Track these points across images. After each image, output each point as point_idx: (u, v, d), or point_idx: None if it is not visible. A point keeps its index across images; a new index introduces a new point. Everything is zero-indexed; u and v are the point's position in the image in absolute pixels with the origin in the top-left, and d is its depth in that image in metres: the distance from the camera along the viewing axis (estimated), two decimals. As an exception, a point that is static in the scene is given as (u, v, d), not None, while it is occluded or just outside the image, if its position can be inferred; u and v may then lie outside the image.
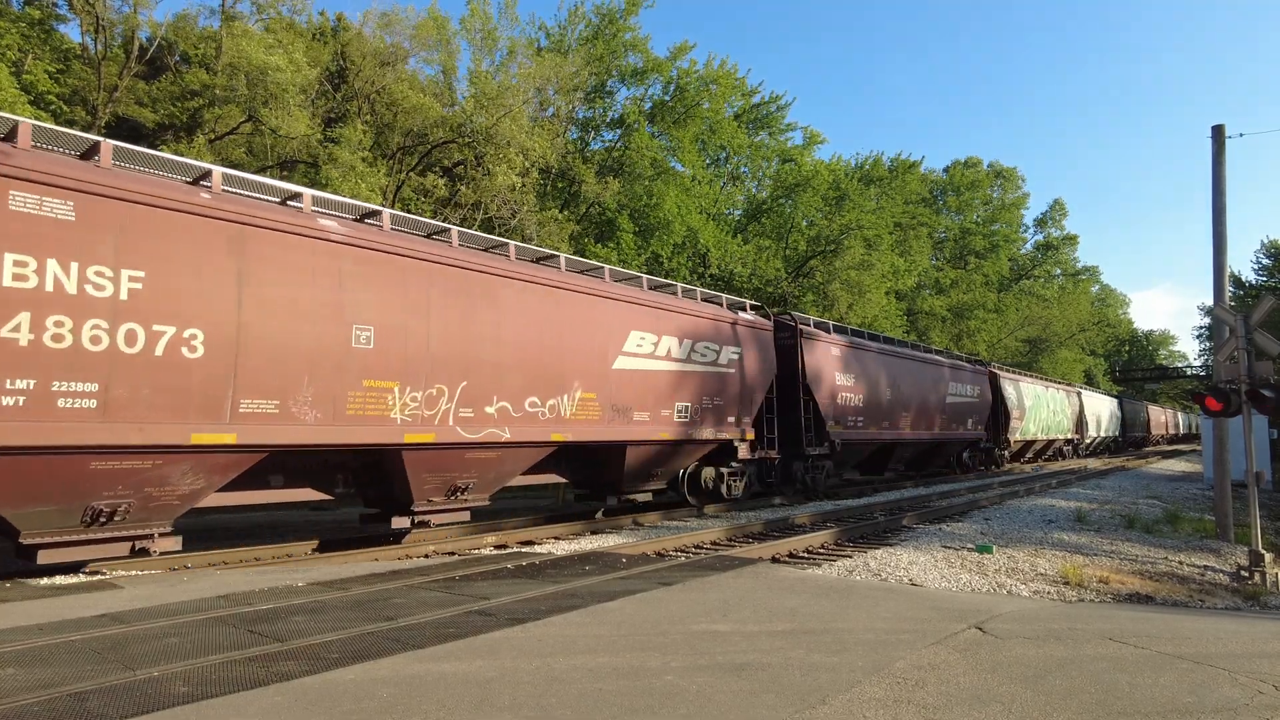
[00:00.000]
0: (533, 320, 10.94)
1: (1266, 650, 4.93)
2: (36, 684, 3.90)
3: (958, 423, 24.97)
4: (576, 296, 11.75)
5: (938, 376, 23.91)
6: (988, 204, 57.56)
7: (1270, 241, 47.36)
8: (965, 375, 26.30)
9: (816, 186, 32.53)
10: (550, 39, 30.36)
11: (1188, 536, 13.45)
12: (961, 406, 25.29)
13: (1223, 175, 13.44)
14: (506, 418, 10.38)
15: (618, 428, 12.14)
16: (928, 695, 3.86)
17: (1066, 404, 38.28)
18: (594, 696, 3.79)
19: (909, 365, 22.33)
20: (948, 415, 24.22)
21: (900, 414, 21.16)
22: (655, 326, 13.10)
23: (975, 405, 26.51)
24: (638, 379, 12.61)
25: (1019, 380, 31.65)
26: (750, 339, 15.50)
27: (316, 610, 5.74)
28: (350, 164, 18.85)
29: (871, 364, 20.10)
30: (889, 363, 21.17)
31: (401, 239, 9.60)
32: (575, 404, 11.39)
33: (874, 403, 19.74)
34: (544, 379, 10.97)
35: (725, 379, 14.60)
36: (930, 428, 23.06)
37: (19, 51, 19.56)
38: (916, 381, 22.37)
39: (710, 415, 14.14)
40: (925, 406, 22.74)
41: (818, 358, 17.70)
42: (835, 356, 18.40)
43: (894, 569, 8.94)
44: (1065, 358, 60.13)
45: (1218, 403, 10.71)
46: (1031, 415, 32.03)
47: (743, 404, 15.00)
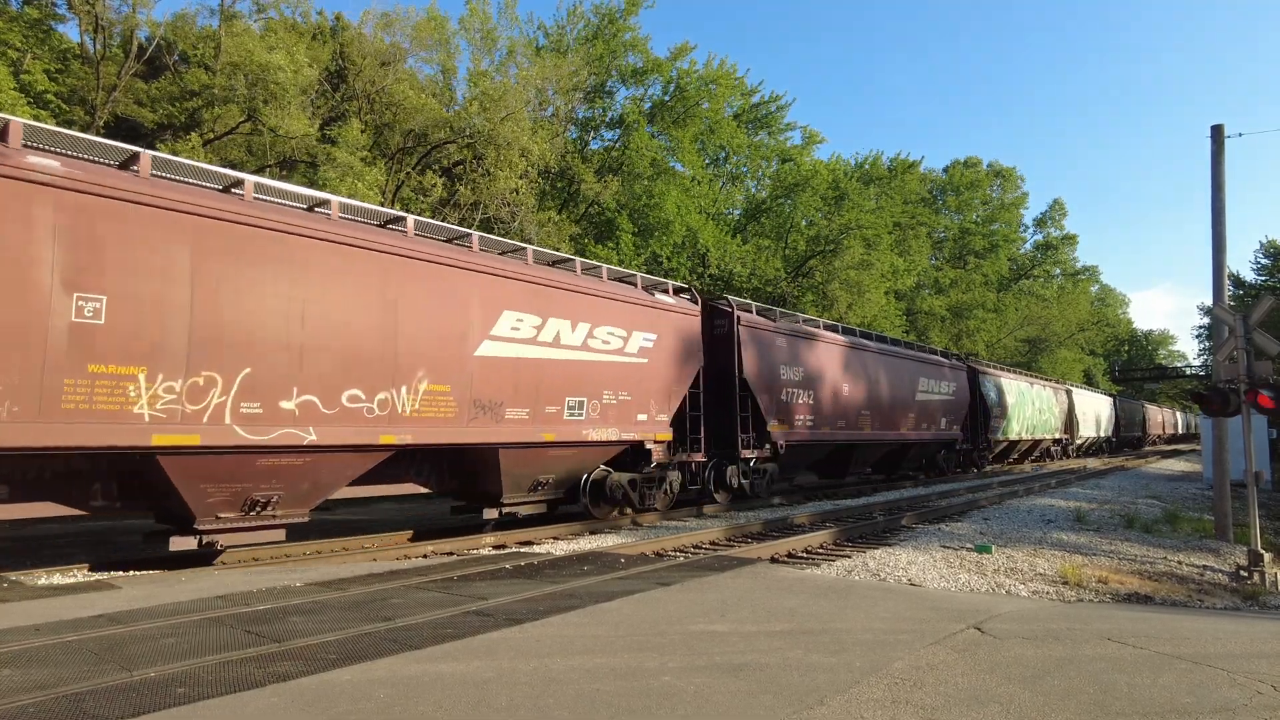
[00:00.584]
0: (357, 294, 8.93)
1: (1265, 650, 4.92)
2: (33, 685, 3.89)
3: (930, 422, 23.12)
4: (425, 268, 9.68)
5: (905, 371, 22.00)
6: (987, 204, 57.57)
7: (1269, 241, 47.42)
8: (938, 370, 24.22)
9: (816, 186, 32.53)
10: (549, 38, 30.37)
11: (1187, 536, 13.45)
12: (934, 404, 23.41)
13: (1222, 175, 13.43)
14: (313, 415, 8.39)
15: (481, 428, 10.24)
16: (926, 695, 3.85)
17: (1054, 402, 36.62)
18: (591, 697, 3.78)
19: (870, 359, 20.43)
20: (918, 414, 22.37)
21: (860, 412, 19.36)
22: (539, 306, 11.12)
23: (951, 403, 24.58)
24: (511, 369, 10.69)
25: (1001, 376, 30.06)
26: (670, 325, 13.51)
27: (314, 611, 5.73)
28: (348, 164, 18.83)
29: (825, 357, 18.37)
30: (846, 356, 19.32)
31: (163, 188, 7.58)
32: (418, 399, 9.44)
33: (827, 400, 18.06)
34: (371, 368, 8.98)
35: (635, 371, 12.66)
36: (897, 427, 21.21)
37: (18, 51, 19.55)
38: (880, 377, 20.54)
39: (614, 413, 12.29)
40: (891, 404, 20.88)
41: (759, 349, 15.90)
42: (781, 348, 16.60)
43: (893, 569, 8.93)
44: (1065, 358, 60.16)
45: (1217, 402, 10.71)
46: (1015, 414, 30.33)
47: (658, 399, 13.13)
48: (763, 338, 16.22)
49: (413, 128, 22.45)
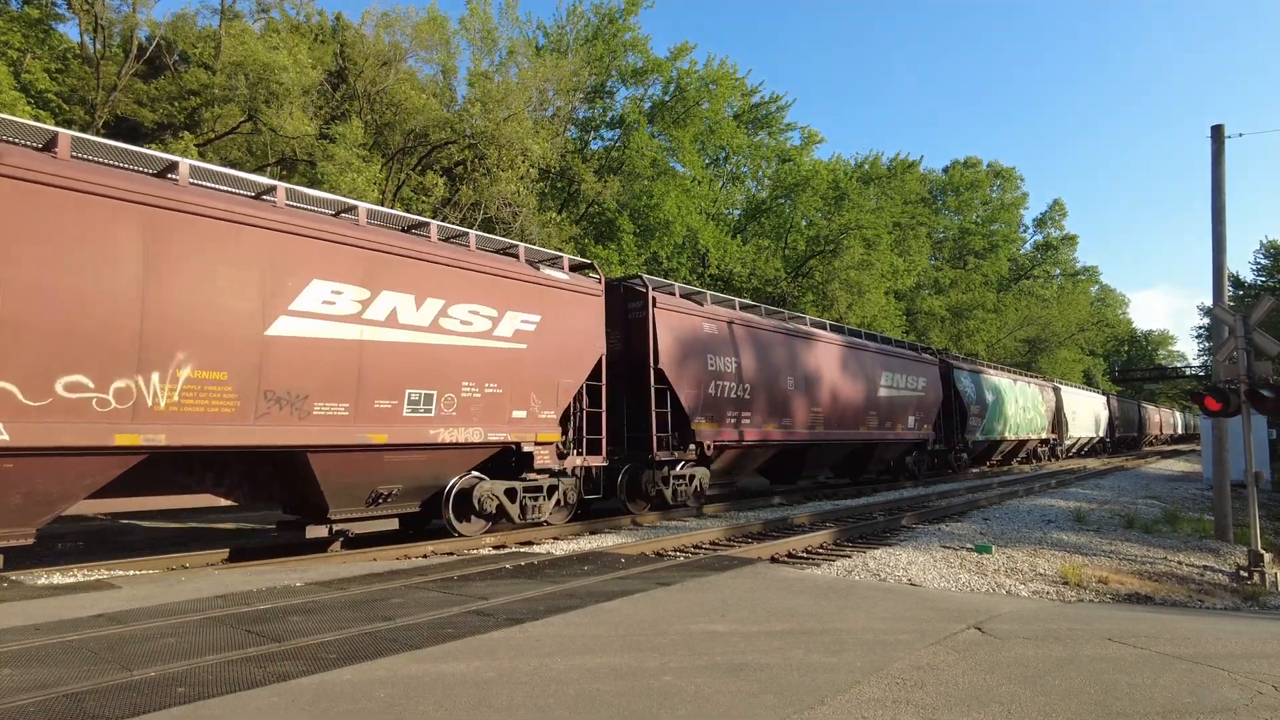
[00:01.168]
0: (89, 255, 7.02)
1: (1265, 651, 4.92)
2: (33, 684, 3.89)
3: (896, 421, 21.01)
4: (203, 225, 7.75)
5: (866, 365, 19.93)
6: (987, 204, 57.59)
7: (1269, 242, 47.43)
8: (905, 365, 22.07)
9: (816, 186, 32.54)
10: (549, 38, 30.37)
11: (1187, 536, 13.45)
12: (901, 401, 21.31)
13: (1222, 175, 13.43)
14: (8, 408, 6.54)
15: (275, 426, 8.23)
16: (926, 695, 3.85)
17: (1041, 400, 34.50)
18: (592, 697, 3.78)
19: (824, 350, 18.27)
20: (881, 412, 20.25)
21: (811, 410, 17.24)
22: (367, 276, 9.09)
23: (921, 400, 22.52)
24: (323, 353, 8.64)
25: (980, 372, 28.15)
26: (560, 306, 11.53)
27: (314, 610, 5.73)
28: (347, 160, 18.83)
29: (768, 348, 16.15)
30: (795, 347, 17.16)
31: None
32: (177, 388, 7.50)
33: (770, 396, 15.88)
34: (106, 349, 7.09)
35: (509, 358, 10.63)
36: (855, 427, 19.10)
37: (18, 51, 19.55)
38: (835, 371, 18.43)
39: (479, 409, 10.23)
40: (847, 401, 18.79)
41: (680, 335, 13.88)
42: (710, 334, 14.59)
43: (893, 569, 8.93)
44: (1064, 358, 60.19)
45: (1217, 403, 10.71)
46: (996, 412, 28.33)
47: (542, 393, 11.12)
48: (685, 323, 14.12)
49: (413, 128, 22.46)
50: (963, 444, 25.85)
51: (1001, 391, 29.41)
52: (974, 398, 26.38)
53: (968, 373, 26.76)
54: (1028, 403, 32.48)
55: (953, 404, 25.23)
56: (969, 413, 25.85)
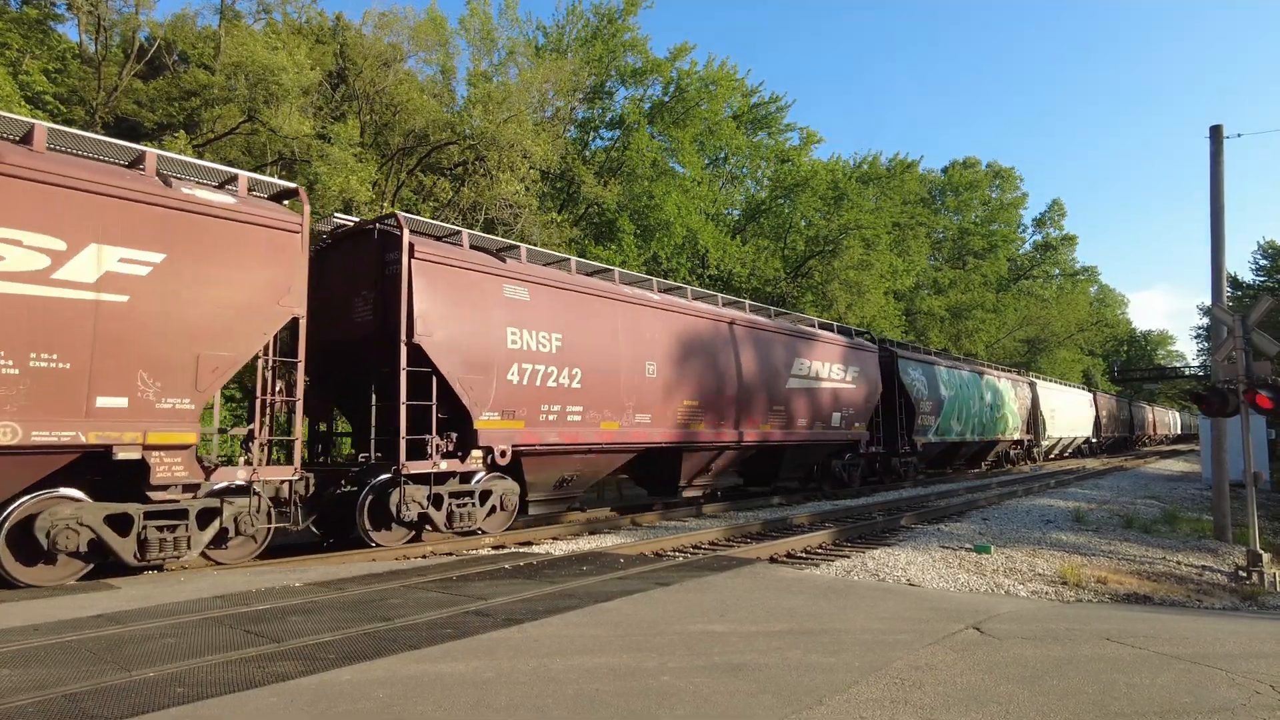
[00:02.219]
0: None
1: (1264, 651, 4.93)
2: (32, 685, 3.89)
3: (815, 419, 17.28)
4: None
5: (769, 350, 16.11)
6: (986, 204, 57.60)
7: (1268, 242, 47.46)
8: (829, 351, 18.30)
9: (815, 186, 32.55)
10: (548, 38, 30.38)
11: (1186, 536, 13.47)
12: (822, 395, 17.65)
13: (1221, 175, 13.44)
14: None
15: None
16: (925, 696, 3.85)
17: (1013, 396, 31.00)
18: (590, 697, 3.78)
19: (704, 328, 14.34)
20: (793, 408, 16.55)
21: (684, 403, 13.40)
22: None
23: (852, 394, 18.79)
24: None
25: (934, 364, 24.61)
26: (209, 240, 7.89)
27: (313, 611, 5.73)
28: (342, 159, 18.82)
29: (617, 322, 12.42)
30: (655, 321, 13.19)
31: None
32: None
33: (611, 384, 12.07)
34: None
35: (91, 314, 7.09)
36: (753, 425, 15.27)
37: (17, 52, 19.55)
38: (720, 354, 14.58)
39: (17, 391, 6.67)
40: (739, 393, 14.88)
41: (459, 298, 10.31)
42: (514, 301, 10.83)
43: (892, 569, 8.94)
44: (1064, 358, 60.23)
45: (1216, 403, 10.72)
46: (955, 410, 24.87)
47: (164, 370, 7.52)
48: (468, 282, 10.44)
49: (412, 128, 22.47)
50: (909, 446, 22.18)
51: (962, 386, 26.02)
52: (925, 393, 22.87)
53: (917, 364, 23.32)
54: (997, 399, 29.13)
55: (899, 400, 21.72)
56: (918, 410, 22.21)
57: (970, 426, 26.43)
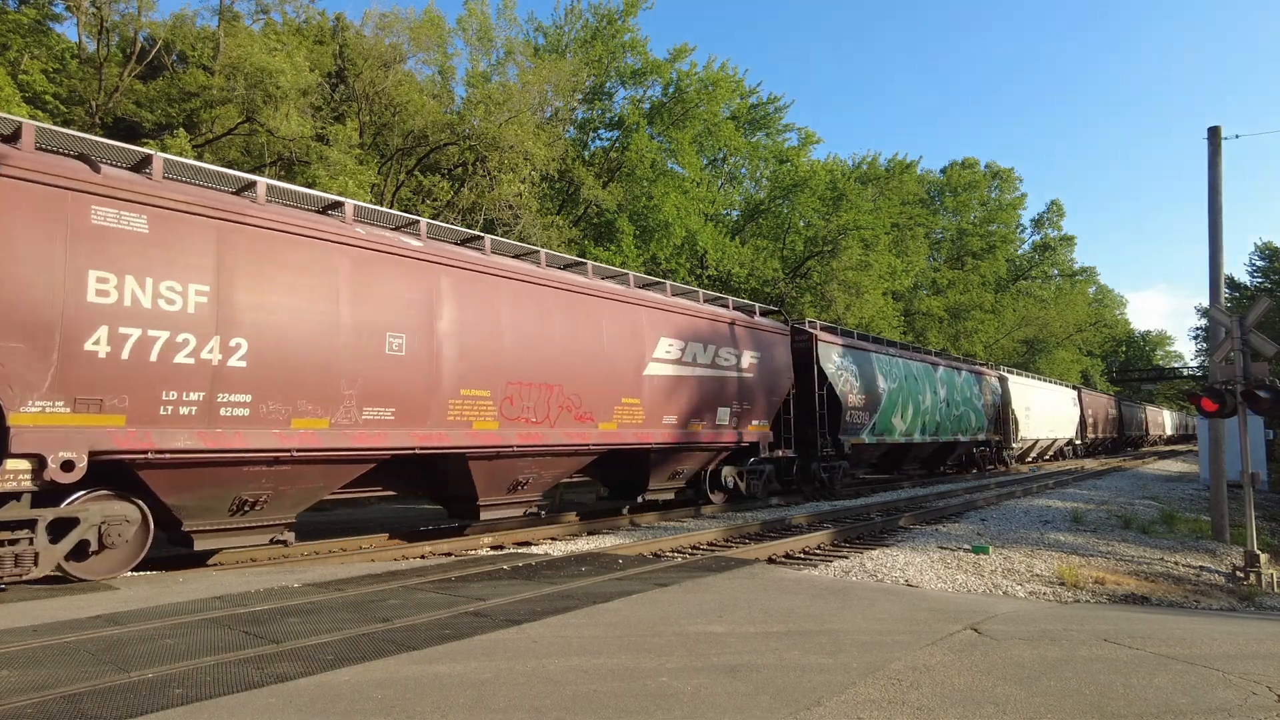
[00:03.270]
0: None
1: (1260, 651, 4.94)
2: (30, 685, 3.90)
3: (691, 415, 13.72)
4: None
5: (618, 324, 12.50)
6: (985, 204, 57.64)
7: (1265, 243, 47.54)
8: (716, 332, 14.58)
9: (814, 187, 32.56)
10: (547, 39, 30.39)
11: (1184, 537, 13.49)
12: (706, 386, 14.09)
13: (1219, 177, 13.47)
14: None
15: None
16: (923, 696, 3.86)
17: (977, 392, 27.22)
18: (589, 698, 3.79)
19: (500, 291, 10.73)
20: (655, 402, 12.94)
21: (445, 391, 9.83)
22: None
23: (749, 385, 15.25)
24: None
25: (869, 352, 20.43)
26: None
27: (312, 611, 5.74)
28: (341, 162, 18.83)
29: (324, 271, 8.78)
30: (408, 276, 9.63)
31: None
32: None
33: (303, 361, 8.47)
34: None
35: None
36: (587, 423, 11.76)
37: (17, 52, 19.54)
38: (533, 326, 11.07)
39: None
40: (566, 380, 11.44)
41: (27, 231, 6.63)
42: (118, 232, 7.19)
43: (890, 570, 8.95)
44: (1062, 358, 60.29)
45: (1214, 403, 10.74)
46: (895, 406, 21.00)
47: None
48: None
49: (412, 128, 22.47)
50: (833, 449, 18.24)
51: (909, 379, 22.13)
52: (857, 385, 19.12)
53: (847, 350, 19.22)
54: (955, 395, 25.35)
55: (822, 392, 17.91)
56: (845, 405, 18.34)
57: (920, 425, 22.47)
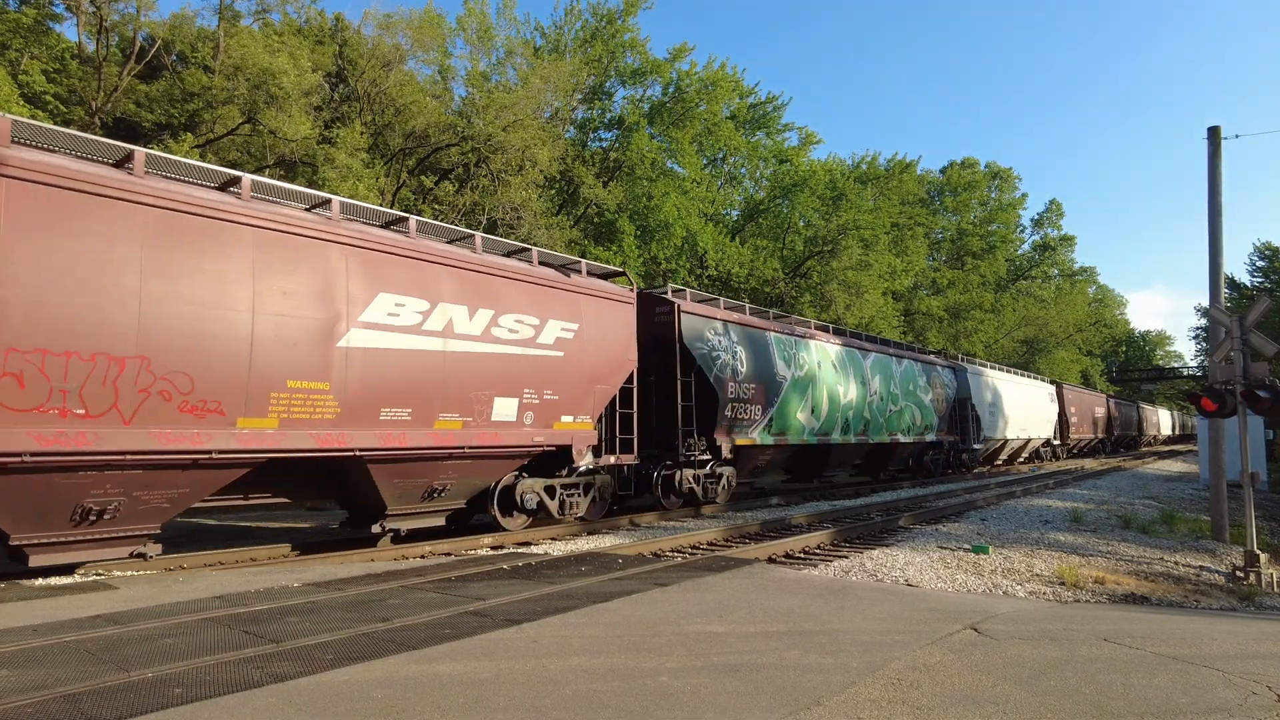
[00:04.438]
0: None
1: (1260, 651, 4.94)
2: (30, 685, 3.89)
3: (438, 404, 9.72)
4: None
5: (294, 274, 8.37)
6: (984, 204, 57.67)
7: (1264, 243, 47.54)
8: (487, 289, 10.54)
9: (813, 187, 32.58)
10: (546, 39, 30.40)
11: (1183, 537, 13.49)
12: (447, 363, 9.84)
13: (1218, 176, 13.46)
14: None
15: None
16: (922, 696, 3.86)
17: (923, 382, 23.07)
18: (589, 697, 3.79)
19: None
20: (353, 389, 8.78)
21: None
22: None
23: (556, 369, 11.32)
24: None
25: (763, 330, 16.43)
26: None
27: (311, 611, 5.74)
28: (348, 165, 18.84)
29: None
30: None
31: None
32: None
33: None
34: None
35: None
36: (201, 415, 7.53)
37: (16, 52, 19.54)
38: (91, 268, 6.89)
39: None
40: (153, 348, 7.21)
41: None
42: None
43: (890, 569, 8.95)
44: (1062, 358, 60.33)
45: (1213, 403, 10.74)
46: (801, 398, 17.12)
47: None
48: None
49: (413, 129, 22.48)
50: (713, 453, 14.75)
51: (824, 366, 18.31)
52: (745, 371, 15.37)
53: (726, 325, 15.30)
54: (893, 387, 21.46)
55: (680, 380, 13.95)
56: (725, 396, 14.59)
57: (839, 423, 18.46)
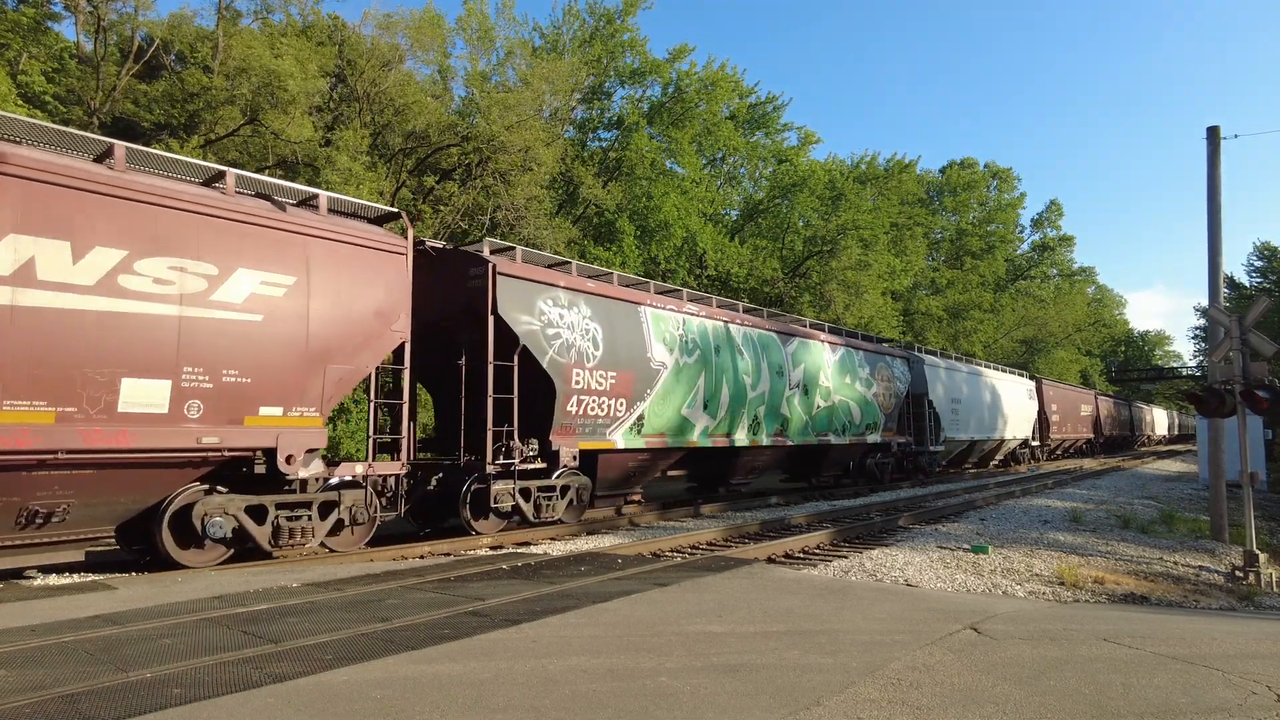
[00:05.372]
0: None
1: (1260, 651, 4.94)
2: (29, 685, 3.89)
3: None
4: None
5: None
6: (984, 204, 57.69)
7: (1263, 244, 47.53)
8: None
9: (813, 187, 32.60)
10: (545, 39, 30.41)
11: (1183, 537, 13.49)
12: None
13: (1218, 177, 13.46)
14: None
15: None
16: (922, 696, 3.86)
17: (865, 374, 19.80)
18: (588, 698, 3.79)
19: None
20: None
21: None
22: None
23: (196, 329, 7.67)
24: None
25: (635, 305, 13.08)
26: None
27: (311, 611, 5.73)
28: (349, 168, 18.84)
29: None
30: None
31: None
32: None
33: None
34: None
35: None
36: None
37: (16, 52, 19.53)
38: None
39: None
40: None
41: None
42: None
43: (890, 569, 8.95)
44: (1062, 358, 60.36)
45: (1213, 403, 10.74)
46: (690, 389, 13.80)
47: None
48: None
49: (413, 128, 22.48)
50: (548, 458, 11.41)
51: (725, 350, 14.81)
52: (598, 355, 12.08)
53: (572, 294, 11.96)
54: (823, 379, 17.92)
55: (491, 365, 10.61)
56: (570, 388, 11.57)
57: (743, 421, 15.24)
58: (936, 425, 23.98)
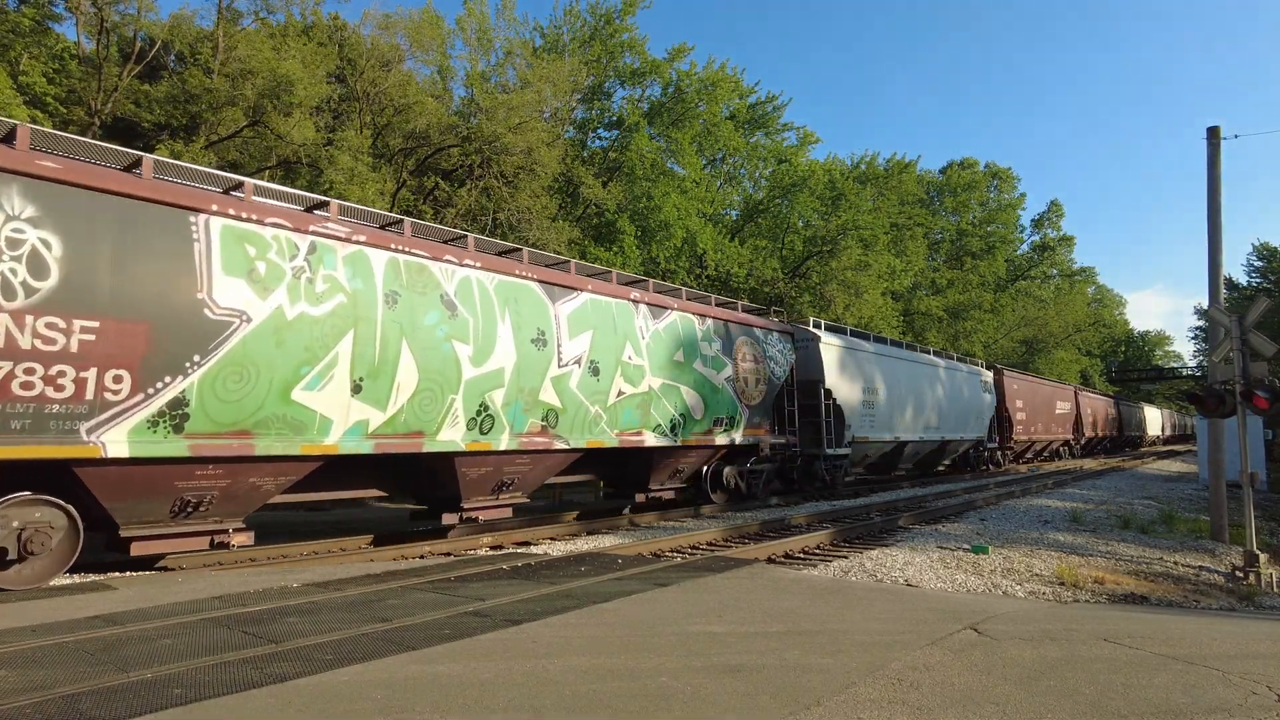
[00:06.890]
0: None
1: (1260, 651, 4.94)
2: (29, 686, 3.89)
3: None
4: None
5: None
6: (984, 205, 57.64)
7: (1262, 244, 47.51)
8: None
9: (812, 187, 32.58)
10: (545, 39, 30.40)
11: (1183, 537, 13.49)
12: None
13: (1218, 177, 13.46)
14: None
15: None
16: (922, 696, 3.86)
17: (707, 349, 14.07)
18: (588, 698, 3.79)
19: None
20: None
21: None
22: None
23: None
24: None
25: (199, 213, 7.52)
26: None
27: (311, 611, 5.73)
28: (351, 168, 18.84)
29: None
30: None
31: None
32: None
33: None
34: None
35: None
36: None
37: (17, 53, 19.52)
38: None
39: None
40: None
41: None
42: None
43: (890, 569, 8.95)
44: (1062, 358, 60.31)
45: (1213, 403, 10.74)
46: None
47: None
48: None
49: (414, 129, 22.47)
50: None
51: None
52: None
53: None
54: (649, 356, 12.98)
55: None
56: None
57: (466, 411, 10.19)
58: (840, 422, 18.32)
